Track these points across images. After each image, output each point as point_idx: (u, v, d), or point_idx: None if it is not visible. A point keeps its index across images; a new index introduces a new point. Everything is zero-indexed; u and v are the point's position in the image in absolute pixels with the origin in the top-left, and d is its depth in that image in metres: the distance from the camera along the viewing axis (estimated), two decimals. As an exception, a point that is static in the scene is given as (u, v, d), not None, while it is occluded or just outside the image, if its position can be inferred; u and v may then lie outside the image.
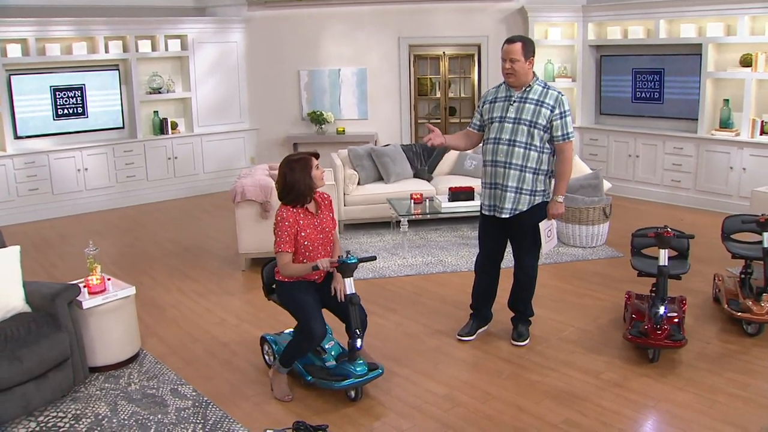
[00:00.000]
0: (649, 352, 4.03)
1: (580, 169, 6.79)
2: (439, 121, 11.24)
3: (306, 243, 3.67)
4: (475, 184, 7.03)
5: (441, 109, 11.21)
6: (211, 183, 9.61)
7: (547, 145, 4.01)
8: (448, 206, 6.50)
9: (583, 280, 5.55)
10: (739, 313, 4.36)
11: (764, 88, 7.30)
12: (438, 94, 11.23)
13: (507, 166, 4.00)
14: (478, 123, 4.23)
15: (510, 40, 3.97)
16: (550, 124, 3.96)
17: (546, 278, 5.56)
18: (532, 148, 3.97)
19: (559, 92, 4.02)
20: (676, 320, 4.14)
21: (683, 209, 7.87)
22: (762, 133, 7.32)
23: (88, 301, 3.97)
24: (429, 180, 7.67)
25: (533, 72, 4.03)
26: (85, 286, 4.09)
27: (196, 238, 7.21)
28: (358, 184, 7.32)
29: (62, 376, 3.69)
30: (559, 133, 3.99)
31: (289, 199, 3.67)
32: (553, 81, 9.08)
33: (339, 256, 3.61)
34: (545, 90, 4.00)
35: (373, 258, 3.88)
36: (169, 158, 9.24)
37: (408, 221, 6.41)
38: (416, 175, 7.73)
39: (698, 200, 7.86)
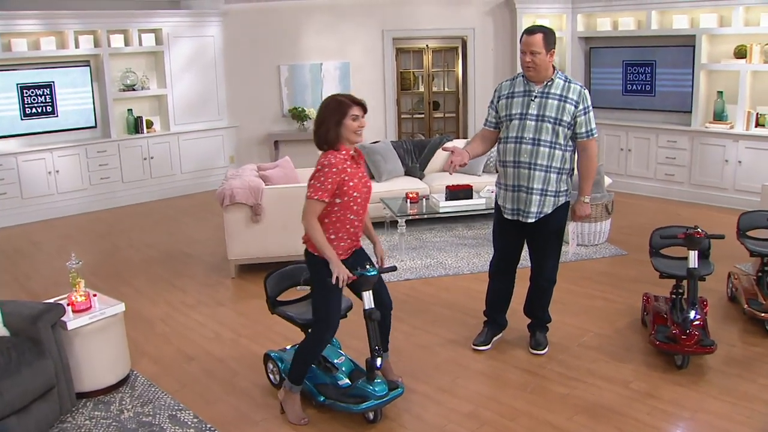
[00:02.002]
0: (677, 358, 3.83)
1: (579, 164, 6.57)
2: (423, 116, 10.98)
3: (355, 194, 3.21)
4: (471, 181, 6.83)
5: (424, 103, 10.96)
6: (189, 184, 9.19)
7: (570, 143, 3.77)
8: (445, 205, 6.24)
9: (591, 281, 5.35)
10: (763, 314, 4.20)
11: (759, 80, 7.18)
12: (421, 89, 10.96)
13: (532, 167, 3.73)
14: (494, 120, 3.92)
15: (530, 31, 3.67)
16: (574, 121, 3.70)
17: (553, 280, 5.34)
18: (557, 146, 3.71)
19: (582, 86, 3.77)
20: (700, 323, 3.95)
21: (677, 203, 7.74)
22: (757, 125, 7.21)
23: (72, 322, 3.60)
24: (421, 178, 7.41)
25: (553, 65, 3.76)
26: (68, 304, 3.72)
27: (179, 243, 6.83)
28: (349, 183, 7.01)
29: (47, 407, 3.33)
30: (583, 130, 3.74)
31: (318, 141, 3.23)
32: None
33: (357, 268, 3.30)
34: (567, 84, 3.72)
35: (394, 268, 3.59)
36: (145, 158, 8.80)
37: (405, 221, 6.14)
38: (407, 173, 7.46)
39: (693, 194, 7.74)
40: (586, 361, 3.98)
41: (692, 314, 3.76)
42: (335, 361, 3.65)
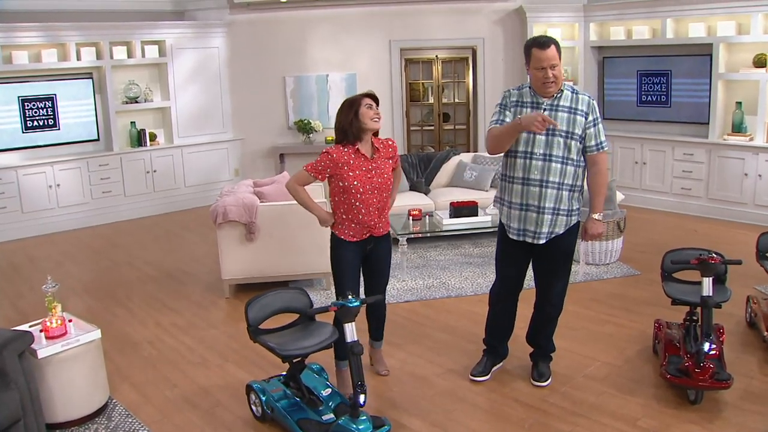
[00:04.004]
0: (690, 392, 3.55)
1: (589, 179, 6.30)
2: (432, 128, 10.76)
3: (356, 183, 3.51)
4: (477, 197, 6.59)
5: (434, 115, 10.72)
6: (193, 197, 9.04)
7: (581, 158, 3.52)
8: (449, 223, 6.01)
9: (601, 304, 5.07)
10: (784, 344, 3.91)
11: (780, 89, 6.87)
12: (431, 100, 10.74)
13: (543, 184, 3.47)
14: (509, 121, 3.51)
15: (543, 44, 3.37)
16: (584, 134, 3.47)
17: (561, 302, 5.07)
18: (569, 162, 3.46)
19: (590, 96, 3.54)
20: (715, 354, 3.67)
21: (694, 219, 7.42)
22: (778, 137, 6.90)
23: (44, 349, 3.42)
24: (426, 193, 7.18)
25: None
26: (42, 330, 3.54)
27: (178, 261, 6.65)
28: (351, 198, 6.79)
29: (13, 441, 3.13)
30: (594, 143, 3.50)
31: (339, 139, 3.57)
32: (554, 85, 8.61)
33: (338, 298, 3.08)
34: (575, 95, 3.49)
35: (382, 298, 3.38)
36: (148, 172, 8.67)
37: (406, 240, 5.90)
38: (412, 188, 7.24)
39: (710, 209, 7.42)
40: (592, 395, 3.71)
41: (706, 346, 3.47)
42: (322, 393, 3.43)
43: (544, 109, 3.46)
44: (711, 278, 3.56)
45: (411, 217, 6.15)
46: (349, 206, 3.57)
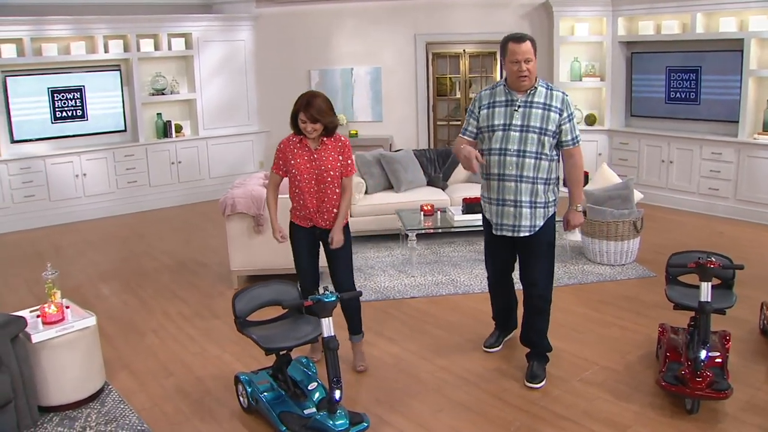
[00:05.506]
0: (687, 401, 3.42)
1: (608, 178, 6.15)
2: (459, 123, 10.65)
3: (294, 171, 3.74)
4: (493, 193, 6.49)
5: (461, 110, 10.62)
6: (217, 189, 9.12)
7: (555, 152, 3.65)
8: (461, 219, 5.93)
9: (610, 306, 4.94)
10: (794, 353, 3.74)
11: (815, 87, 6.58)
12: (458, 95, 10.64)
13: (518, 179, 3.58)
14: (474, 130, 3.74)
15: (518, 39, 3.50)
16: (559, 129, 3.58)
17: (568, 303, 4.97)
18: (543, 157, 3.58)
19: (564, 92, 3.63)
20: (718, 361, 3.53)
21: (721, 220, 7.17)
22: (812, 137, 6.61)
23: (38, 334, 3.50)
24: (444, 188, 7.10)
25: None
26: (39, 316, 3.62)
27: (195, 251, 6.74)
28: (366, 192, 6.78)
29: (3, 422, 3.22)
30: (569, 138, 3.61)
31: (293, 127, 3.75)
32: (580, 80, 8.44)
33: (315, 291, 3.07)
34: (549, 91, 3.59)
35: (359, 294, 3.36)
36: (173, 163, 8.81)
37: (417, 235, 5.85)
38: (430, 183, 7.17)
39: (739, 211, 7.16)
40: (585, 399, 3.61)
41: (703, 354, 3.34)
42: (308, 387, 3.43)
43: (519, 106, 3.57)
44: (709, 283, 3.42)
45: (423, 213, 6.09)
46: (293, 192, 3.82)
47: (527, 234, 3.66)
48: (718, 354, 3.59)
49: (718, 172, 7.29)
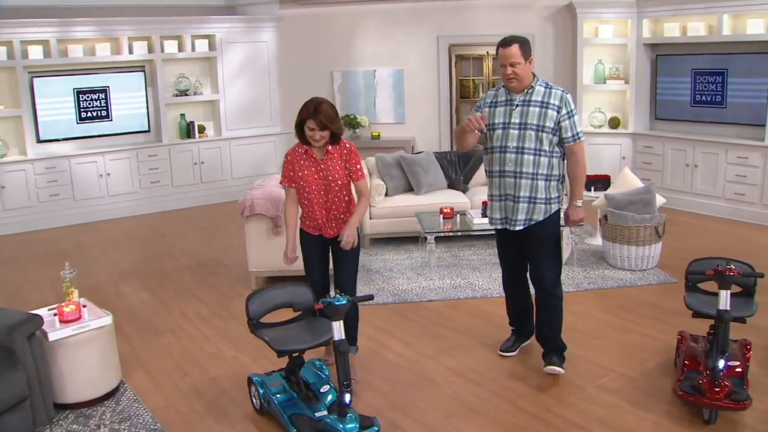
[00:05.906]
0: (705, 412, 3.35)
1: (630, 182, 6.06)
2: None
3: (303, 183, 3.72)
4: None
5: (483, 112, 10.56)
6: (239, 189, 9.12)
7: (556, 149, 3.72)
8: (480, 222, 5.88)
9: (630, 312, 4.86)
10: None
11: None
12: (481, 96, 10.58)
13: (517, 175, 3.70)
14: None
15: (505, 43, 3.62)
16: (558, 126, 3.67)
17: (587, 308, 4.91)
18: (542, 153, 3.67)
19: (564, 90, 3.72)
20: (738, 371, 3.45)
21: (747, 226, 7.02)
22: (843, 142, 6.44)
23: (55, 333, 3.55)
24: (464, 191, 7.07)
25: (533, 72, 3.71)
26: (56, 314, 3.67)
27: (215, 251, 6.79)
28: (386, 195, 6.77)
29: (19, 419, 3.27)
30: (569, 134, 3.69)
31: (298, 136, 3.73)
32: (604, 83, 8.33)
33: (326, 295, 3.07)
34: (548, 90, 3.69)
35: (370, 297, 3.36)
36: (196, 163, 8.89)
37: (435, 238, 5.82)
38: (450, 186, 7.13)
39: (765, 216, 7.00)
40: (601, 407, 3.56)
41: (721, 363, 3.27)
42: (320, 390, 3.43)
43: (517, 105, 3.69)
44: (728, 291, 3.35)
45: (442, 215, 6.06)
46: (303, 202, 3.82)
47: (521, 227, 3.74)
48: (738, 363, 3.51)
49: (743, 176, 7.14)
